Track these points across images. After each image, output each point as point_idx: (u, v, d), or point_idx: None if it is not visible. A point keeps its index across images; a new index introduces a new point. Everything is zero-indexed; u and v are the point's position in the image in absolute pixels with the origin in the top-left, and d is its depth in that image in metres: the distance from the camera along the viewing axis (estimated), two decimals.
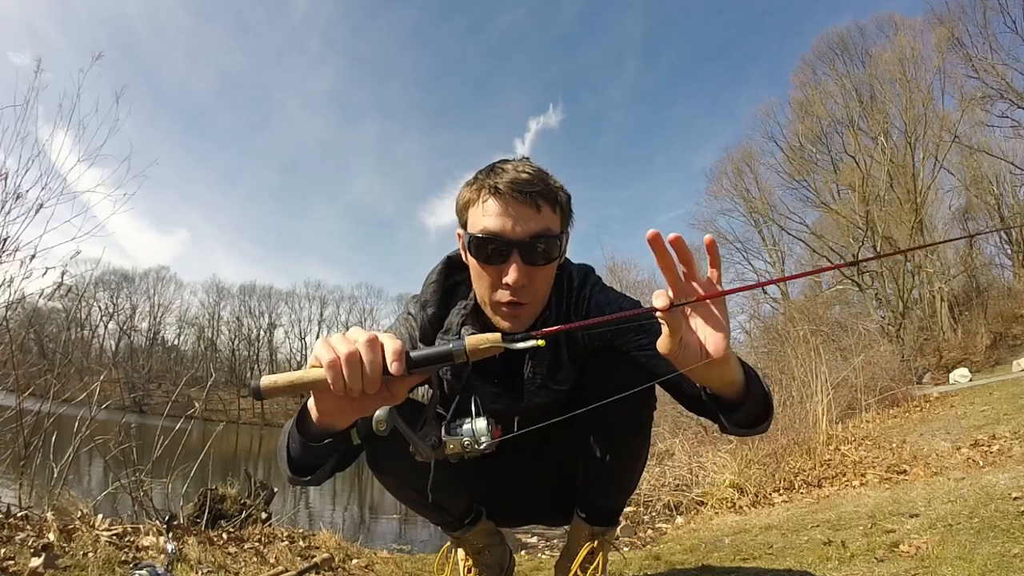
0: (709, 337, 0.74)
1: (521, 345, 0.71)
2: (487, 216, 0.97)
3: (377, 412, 0.66)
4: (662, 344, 0.74)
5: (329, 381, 0.67)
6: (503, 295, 0.99)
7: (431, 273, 1.17)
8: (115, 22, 68.76)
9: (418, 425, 0.75)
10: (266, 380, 0.72)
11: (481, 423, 0.74)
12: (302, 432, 0.83)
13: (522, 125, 73.21)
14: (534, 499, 1.40)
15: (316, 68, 77.59)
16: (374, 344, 0.67)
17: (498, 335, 0.71)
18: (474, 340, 0.70)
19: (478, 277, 1.03)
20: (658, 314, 0.71)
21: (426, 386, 1.18)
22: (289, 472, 0.89)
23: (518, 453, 1.35)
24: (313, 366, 0.69)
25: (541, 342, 0.70)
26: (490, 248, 0.97)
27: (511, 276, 0.96)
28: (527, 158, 1.05)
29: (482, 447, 0.74)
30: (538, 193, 0.97)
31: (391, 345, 0.68)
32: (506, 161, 1.02)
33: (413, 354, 0.71)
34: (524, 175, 0.97)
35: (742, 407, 0.87)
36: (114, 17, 68.90)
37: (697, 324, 0.75)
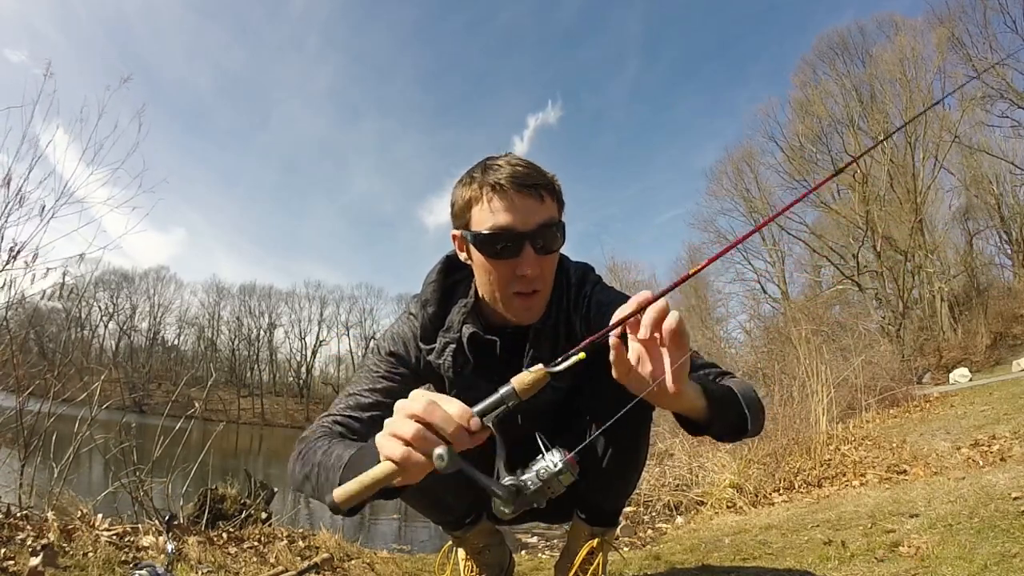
0: (667, 375, 0.73)
1: (565, 365, 0.70)
2: (495, 212, 0.97)
3: (436, 450, 0.64)
4: (614, 371, 0.75)
5: (408, 469, 0.66)
6: (517, 287, 1.00)
7: (431, 272, 1.17)
8: (114, 20, 68.57)
9: (494, 475, 0.72)
10: (339, 493, 0.69)
11: (555, 456, 0.71)
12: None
13: (521, 123, 72.92)
14: None
15: (315, 66, 77.35)
16: (435, 409, 0.67)
17: (540, 366, 0.70)
18: (520, 379, 0.69)
19: (487, 273, 1.03)
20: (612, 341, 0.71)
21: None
22: (336, 510, 0.87)
23: (519, 452, 1.35)
24: (387, 459, 0.67)
25: (582, 355, 0.69)
26: (502, 243, 0.98)
27: (527, 267, 0.97)
28: (511, 153, 1.06)
29: (562, 479, 0.70)
30: (538, 184, 0.99)
31: (456, 409, 0.67)
32: (495, 158, 1.03)
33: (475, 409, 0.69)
34: (521, 168, 0.99)
35: (709, 428, 0.88)
36: (113, 15, 68.71)
37: (652, 360, 0.75)
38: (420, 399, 0.68)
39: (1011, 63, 20.02)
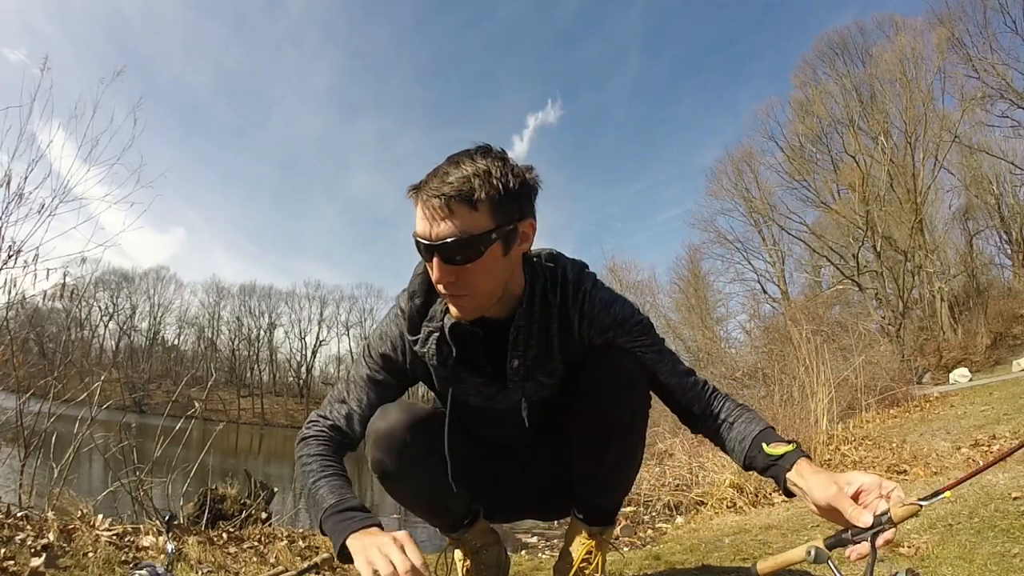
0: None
1: (932, 501, 0.80)
2: (416, 220, 1.02)
3: (811, 553, 0.82)
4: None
5: None
6: (440, 288, 1.05)
7: (418, 264, 1.18)
8: (111, 18, 68.45)
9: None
10: (762, 566, 0.89)
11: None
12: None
13: (521, 121, 72.33)
14: (530, 494, 1.41)
15: (314, 63, 77.15)
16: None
17: (914, 499, 0.81)
18: (898, 514, 0.80)
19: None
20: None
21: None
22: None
23: (518, 450, 1.35)
24: None
25: (948, 495, 0.81)
26: (419, 249, 1.03)
27: (433, 275, 1.02)
28: (482, 149, 1.03)
29: None
30: (450, 196, 0.96)
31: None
32: (450, 159, 1.02)
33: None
34: (445, 177, 0.98)
35: None
36: (110, 12, 68.61)
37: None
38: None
39: (1011, 63, 20.06)
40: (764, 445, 1.06)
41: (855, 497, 0.88)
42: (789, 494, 1.01)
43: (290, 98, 78.87)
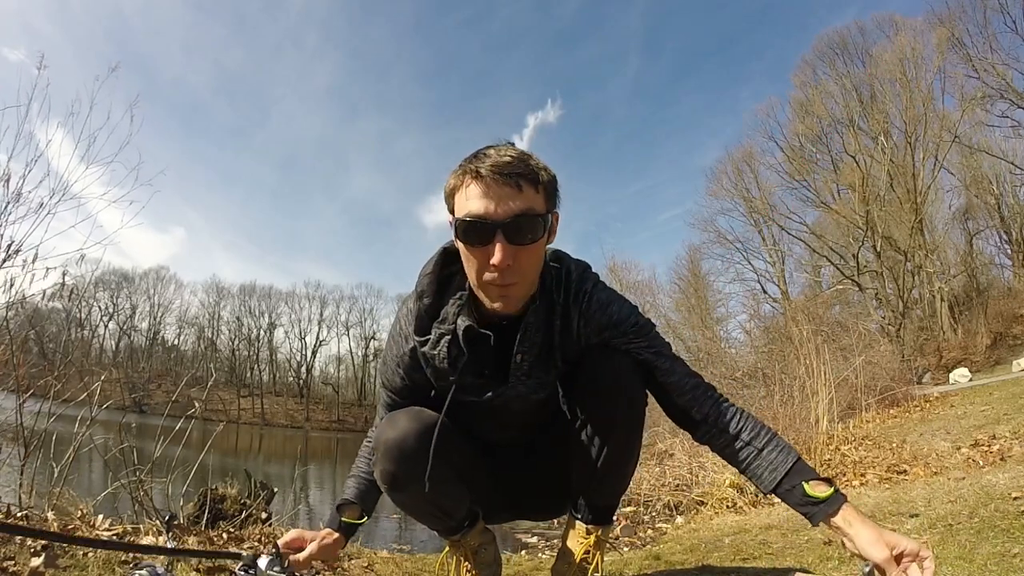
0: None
1: None
2: (471, 200, 0.99)
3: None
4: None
5: None
6: (491, 276, 1.01)
7: (427, 264, 1.17)
8: (111, 17, 68.38)
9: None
10: None
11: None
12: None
13: (521, 121, 72.23)
14: (527, 494, 1.41)
15: (314, 63, 77.15)
16: None
17: None
18: None
19: (467, 260, 1.05)
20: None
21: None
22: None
23: (515, 450, 1.35)
24: None
25: None
26: (475, 230, 0.99)
27: (496, 256, 0.97)
28: (511, 143, 1.05)
29: None
30: (518, 174, 0.97)
31: None
32: (490, 147, 1.03)
33: None
34: (505, 158, 0.98)
35: None
36: (110, 12, 68.56)
37: None
38: None
39: (1011, 63, 20.06)
40: (805, 484, 1.08)
41: (896, 557, 0.99)
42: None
43: (290, 98, 78.94)
